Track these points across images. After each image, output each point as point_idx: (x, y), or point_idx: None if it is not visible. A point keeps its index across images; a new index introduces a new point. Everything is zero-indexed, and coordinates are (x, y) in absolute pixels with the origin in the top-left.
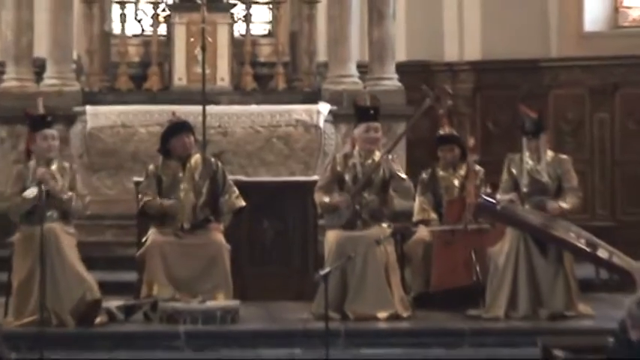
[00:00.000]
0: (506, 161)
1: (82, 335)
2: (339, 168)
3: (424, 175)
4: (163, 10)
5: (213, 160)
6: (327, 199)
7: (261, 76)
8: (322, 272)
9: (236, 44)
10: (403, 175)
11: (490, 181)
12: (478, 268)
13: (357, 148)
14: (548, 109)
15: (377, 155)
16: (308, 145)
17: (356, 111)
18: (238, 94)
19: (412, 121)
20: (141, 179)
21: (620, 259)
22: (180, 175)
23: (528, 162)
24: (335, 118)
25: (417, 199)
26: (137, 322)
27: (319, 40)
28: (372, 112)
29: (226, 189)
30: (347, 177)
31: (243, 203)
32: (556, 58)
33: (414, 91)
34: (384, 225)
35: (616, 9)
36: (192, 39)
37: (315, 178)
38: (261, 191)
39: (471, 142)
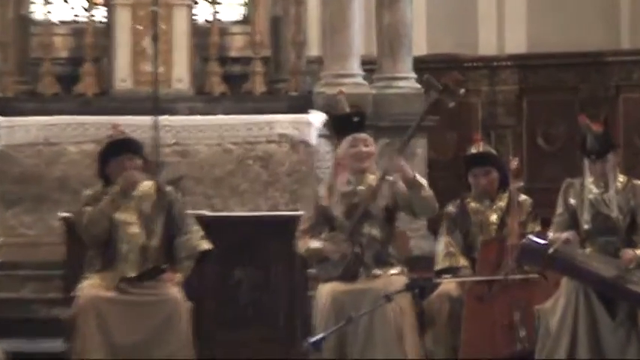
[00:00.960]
0: (562, 189)
1: None
2: (324, 203)
3: (451, 209)
4: None
5: (168, 188)
6: (314, 245)
7: (232, 77)
8: (314, 339)
9: (199, 33)
10: (422, 181)
11: (540, 216)
12: (524, 333)
13: (344, 173)
14: (617, 120)
15: (372, 178)
16: (296, 169)
17: (333, 123)
18: (202, 100)
19: (415, 126)
20: (69, 215)
21: None
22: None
23: (592, 190)
24: (332, 131)
25: (441, 240)
26: None
27: (310, 28)
28: (355, 119)
29: (186, 227)
30: (337, 212)
31: (208, 246)
32: (628, 50)
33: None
34: (396, 272)
35: None
36: (139, 26)
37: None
38: (232, 230)
39: (514, 163)
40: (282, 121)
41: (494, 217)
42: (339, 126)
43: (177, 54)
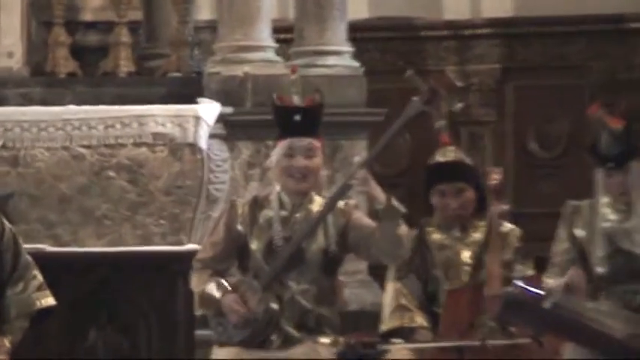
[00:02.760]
0: (565, 215)
1: None
2: (240, 227)
3: None
4: None
5: None
6: (214, 291)
7: (86, 50)
8: None
9: None
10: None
11: (532, 254)
12: None
13: (275, 188)
14: None
15: (316, 202)
16: (177, 184)
17: (276, 116)
18: (41, 83)
19: (385, 141)
20: None
21: None
22: None
23: (608, 216)
24: (231, 129)
25: (389, 288)
26: None
27: None
28: (295, 117)
29: (17, 273)
30: (255, 245)
31: (50, 300)
32: None
33: (385, 79)
34: (325, 340)
35: None
36: None
37: (190, 247)
38: (85, 274)
39: (495, 177)
40: (158, 115)
41: (466, 255)
42: (281, 122)
43: (5, 17)
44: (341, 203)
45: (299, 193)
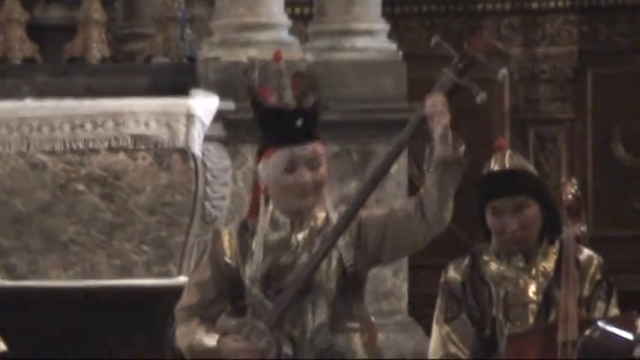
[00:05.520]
0: None
1: None
2: (228, 260)
3: (453, 275)
4: None
5: None
6: (205, 341)
7: (47, 30)
8: None
9: None
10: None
11: (617, 288)
12: None
13: (269, 208)
14: None
15: (320, 218)
16: (165, 200)
17: (259, 119)
18: None
19: (410, 130)
20: None
21: None
22: None
23: None
24: (233, 130)
25: (436, 332)
26: None
27: None
28: (299, 120)
29: None
30: (250, 278)
31: (1, 346)
32: None
33: (431, 65)
34: None
35: None
36: None
37: (181, 280)
38: (47, 314)
39: (571, 190)
40: (140, 112)
41: (533, 290)
42: (272, 125)
43: None
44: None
45: (299, 212)
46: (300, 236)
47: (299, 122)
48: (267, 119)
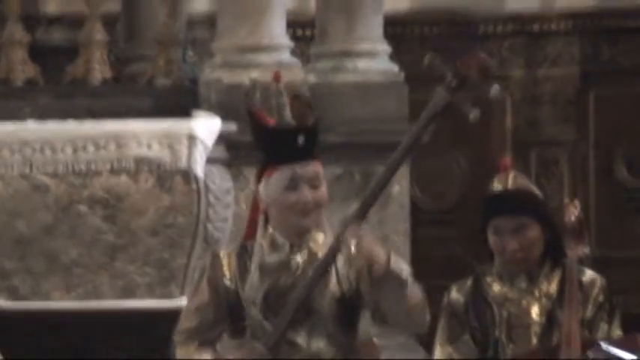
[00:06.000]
0: None
1: None
2: (227, 283)
3: (456, 296)
4: None
5: None
6: (204, 356)
7: (49, 51)
8: None
9: None
10: (402, 268)
11: (620, 309)
12: None
13: (268, 230)
14: None
15: (318, 240)
16: (167, 222)
17: (260, 140)
18: None
19: (405, 146)
20: None
21: None
22: None
23: None
24: (235, 152)
25: (437, 352)
26: None
27: None
28: (299, 139)
29: None
30: (250, 301)
31: None
32: None
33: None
34: None
35: None
36: None
37: (184, 301)
38: (49, 335)
39: (574, 211)
40: (142, 134)
41: (536, 311)
42: (270, 143)
43: None
44: (352, 241)
45: (300, 232)
46: (299, 258)
47: (300, 140)
48: (268, 138)
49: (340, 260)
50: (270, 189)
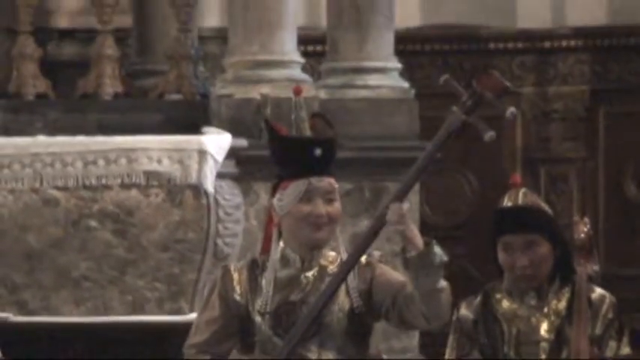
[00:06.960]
0: None
1: None
2: (238, 297)
3: (465, 313)
4: None
5: None
6: None
7: (60, 65)
8: None
9: None
10: (436, 253)
11: (629, 327)
12: None
13: (279, 244)
14: None
15: (329, 257)
16: (177, 237)
17: (276, 151)
18: (3, 107)
19: (419, 166)
20: None
21: None
22: None
23: None
24: (246, 167)
25: None
26: None
27: None
28: (316, 151)
29: None
30: (259, 317)
31: None
32: None
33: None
34: None
35: None
36: None
37: (193, 317)
38: (59, 349)
39: (583, 229)
40: (152, 149)
41: (545, 328)
42: (288, 156)
43: None
44: (373, 256)
45: (312, 246)
46: (310, 274)
47: (317, 152)
48: (285, 150)
49: (354, 280)
50: (285, 201)
